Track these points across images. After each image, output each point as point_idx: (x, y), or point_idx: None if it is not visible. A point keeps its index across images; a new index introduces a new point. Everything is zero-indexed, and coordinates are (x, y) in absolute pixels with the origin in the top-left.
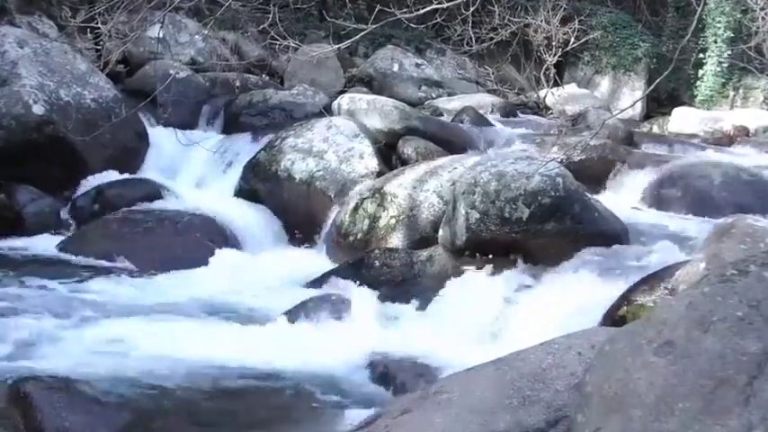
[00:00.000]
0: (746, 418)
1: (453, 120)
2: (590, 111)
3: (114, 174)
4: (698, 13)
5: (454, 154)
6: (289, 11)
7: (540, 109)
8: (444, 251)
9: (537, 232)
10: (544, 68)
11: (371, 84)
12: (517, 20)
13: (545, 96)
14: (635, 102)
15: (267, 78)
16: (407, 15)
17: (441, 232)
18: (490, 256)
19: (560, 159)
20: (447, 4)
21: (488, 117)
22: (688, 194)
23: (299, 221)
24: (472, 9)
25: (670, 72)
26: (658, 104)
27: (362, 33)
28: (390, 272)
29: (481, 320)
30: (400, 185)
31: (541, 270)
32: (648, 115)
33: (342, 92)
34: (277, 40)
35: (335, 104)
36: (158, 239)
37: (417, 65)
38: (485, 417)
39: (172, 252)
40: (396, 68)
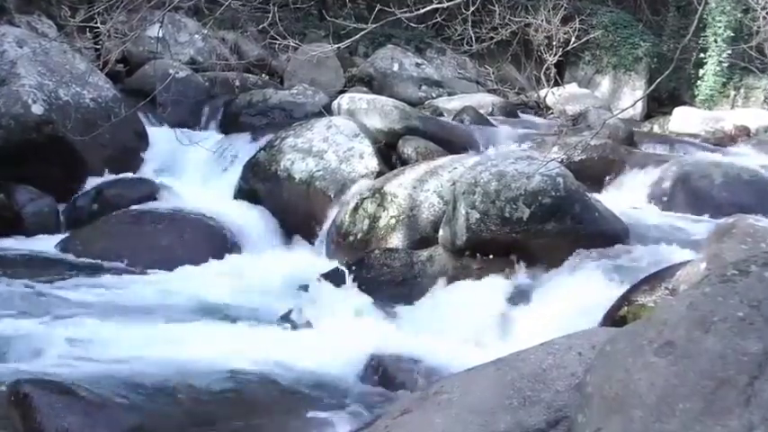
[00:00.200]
0: (747, 419)
1: (453, 119)
2: (590, 110)
3: (113, 173)
4: (699, 13)
5: (454, 154)
6: (288, 10)
7: (541, 109)
8: (444, 251)
9: (537, 232)
10: (544, 68)
11: (371, 83)
12: (517, 19)
13: (545, 96)
14: (636, 101)
15: (267, 78)
16: (407, 15)
17: (441, 232)
18: (490, 257)
19: (561, 159)
20: (447, 4)
21: (489, 117)
22: (689, 194)
23: (299, 221)
24: (472, 9)
25: (671, 72)
26: (659, 104)
27: (362, 33)
28: (390, 272)
29: (481, 321)
30: (400, 185)
31: (542, 270)
32: (649, 115)
33: (342, 91)
34: (277, 40)
35: (335, 104)
36: (157, 239)
37: (417, 64)
38: (485, 417)
39: (171, 252)
40: (396, 68)
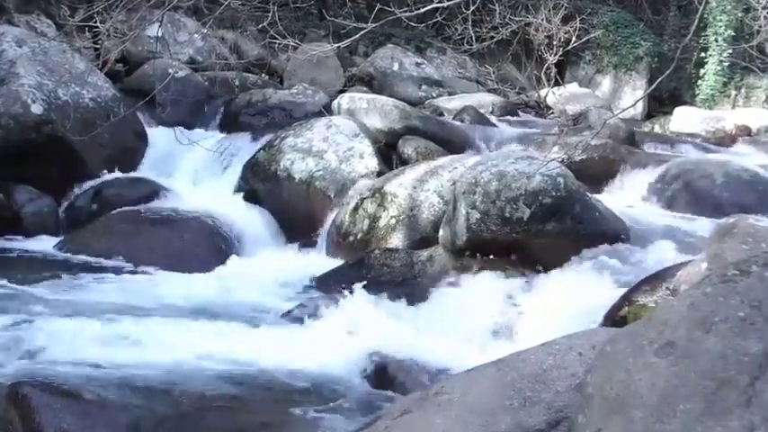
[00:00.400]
0: (748, 419)
1: (454, 119)
2: (591, 110)
3: (113, 173)
4: (699, 12)
5: (454, 154)
6: (288, 9)
7: (541, 108)
8: (445, 251)
9: (538, 232)
10: (545, 67)
11: (371, 83)
12: (518, 19)
13: (546, 96)
14: (636, 101)
15: (266, 77)
16: (408, 14)
17: (441, 232)
18: (491, 257)
19: (561, 159)
20: (447, 3)
21: (489, 117)
22: (690, 194)
23: (299, 221)
24: (473, 8)
25: (671, 71)
26: (660, 104)
27: (362, 32)
28: (390, 272)
29: (482, 321)
30: (400, 185)
31: (542, 270)
32: (650, 115)
33: (342, 91)
34: (276, 39)
35: (335, 104)
36: (157, 239)
37: (417, 64)
38: (485, 418)
39: (170, 252)
40: (396, 68)
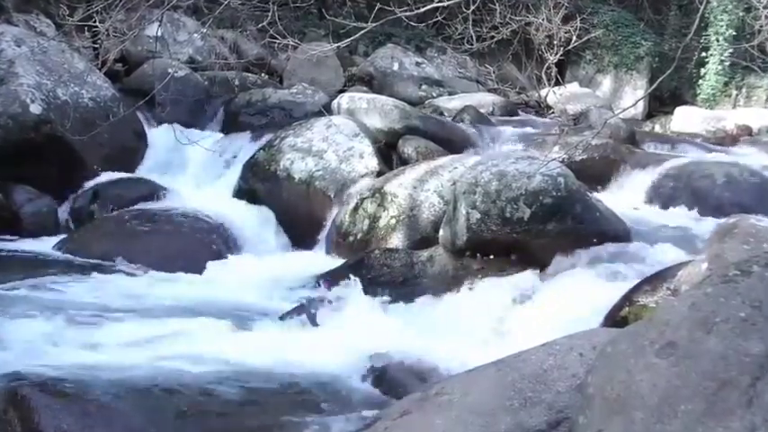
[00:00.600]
0: (749, 420)
1: (454, 119)
2: (592, 110)
3: (112, 173)
4: (700, 12)
5: (455, 153)
6: (288, 9)
7: (542, 108)
8: (445, 251)
9: (538, 232)
10: (545, 67)
11: (371, 83)
12: (518, 18)
13: (546, 95)
14: (637, 101)
15: (266, 77)
16: (408, 14)
17: (441, 232)
18: (491, 257)
19: (562, 159)
20: (447, 3)
21: (489, 116)
22: (690, 194)
23: (299, 221)
24: (473, 7)
25: (672, 71)
26: (660, 103)
27: (362, 32)
28: (390, 272)
29: (482, 321)
30: (400, 185)
31: (543, 271)
32: (651, 114)
33: (341, 91)
34: (276, 39)
35: (335, 103)
36: (156, 240)
37: (418, 64)
38: (485, 418)
39: (170, 252)
40: (396, 67)
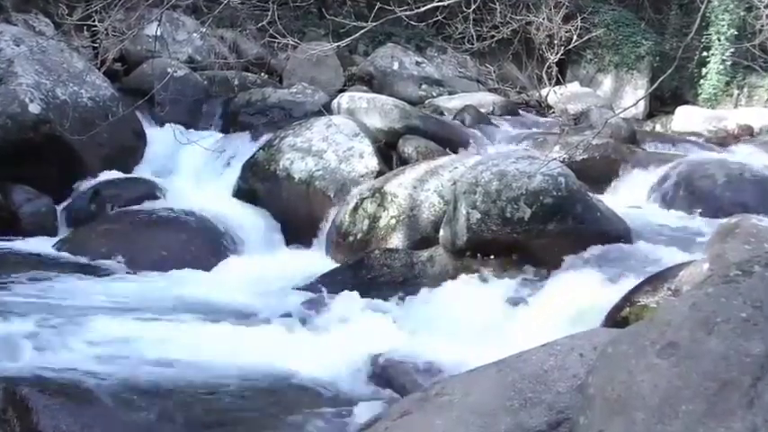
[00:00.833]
0: (750, 421)
1: (454, 118)
2: (592, 109)
3: (111, 173)
4: (701, 11)
5: (455, 153)
6: (288, 8)
7: (542, 108)
8: (445, 251)
9: (539, 232)
10: (546, 67)
11: (371, 82)
12: (519, 18)
13: (547, 95)
14: (638, 100)
15: (266, 77)
16: (408, 13)
17: (441, 232)
18: (491, 257)
19: (562, 159)
20: (448, 2)
21: (489, 116)
22: (691, 194)
23: (299, 221)
24: (473, 7)
25: (673, 70)
26: (661, 103)
27: (362, 31)
28: (390, 272)
29: (482, 321)
30: (400, 185)
31: (543, 271)
32: (651, 114)
33: (341, 90)
34: (276, 38)
35: (335, 103)
36: (155, 240)
37: (418, 63)
38: (486, 419)
39: (169, 252)
40: (396, 67)
